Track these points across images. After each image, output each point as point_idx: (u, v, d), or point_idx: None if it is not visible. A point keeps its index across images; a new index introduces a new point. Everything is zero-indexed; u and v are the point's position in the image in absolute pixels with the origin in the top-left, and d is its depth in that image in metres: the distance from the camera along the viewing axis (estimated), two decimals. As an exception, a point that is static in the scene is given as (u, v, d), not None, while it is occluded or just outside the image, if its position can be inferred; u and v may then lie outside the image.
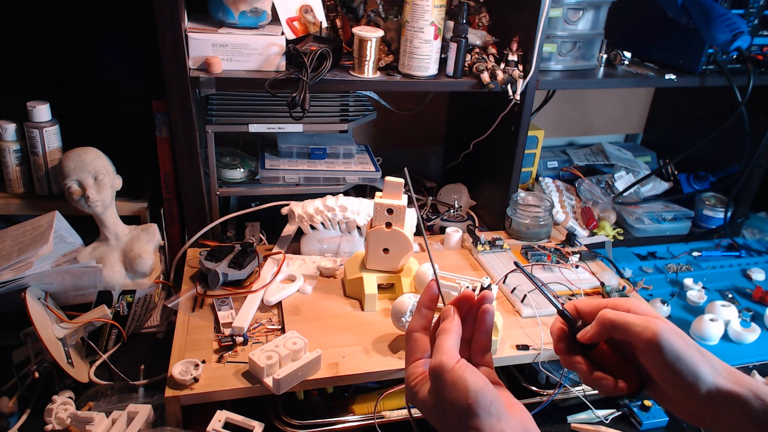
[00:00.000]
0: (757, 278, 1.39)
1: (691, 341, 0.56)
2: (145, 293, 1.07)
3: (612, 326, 0.57)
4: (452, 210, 1.45)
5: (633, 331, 0.56)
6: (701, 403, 0.55)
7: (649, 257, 1.48)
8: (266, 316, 1.00)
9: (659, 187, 1.66)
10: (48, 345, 0.87)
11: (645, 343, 0.55)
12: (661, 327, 0.55)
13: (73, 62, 1.23)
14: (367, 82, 1.15)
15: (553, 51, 1.30)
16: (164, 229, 1.20)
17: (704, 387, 0.54)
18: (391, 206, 1.00)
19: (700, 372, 0.54)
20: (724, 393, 0.54)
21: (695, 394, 0.55)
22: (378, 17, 1.25)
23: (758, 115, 1.44)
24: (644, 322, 0.56)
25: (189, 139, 1.09)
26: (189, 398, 0.82)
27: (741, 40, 1.27)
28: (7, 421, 0.88)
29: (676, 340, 0.55)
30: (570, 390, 0.97)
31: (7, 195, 1.15)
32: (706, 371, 0.54)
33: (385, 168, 1.33)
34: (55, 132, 1.11)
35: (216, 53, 1.07)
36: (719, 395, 0.54)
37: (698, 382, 0.54)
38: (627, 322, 0.56)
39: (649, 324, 0.55)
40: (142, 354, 1.02)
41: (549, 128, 1.70)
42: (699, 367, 0.54)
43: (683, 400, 0.56)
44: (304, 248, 1.17)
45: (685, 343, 0.55)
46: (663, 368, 0.55)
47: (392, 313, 0.92)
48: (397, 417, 0.89)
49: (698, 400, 0.55)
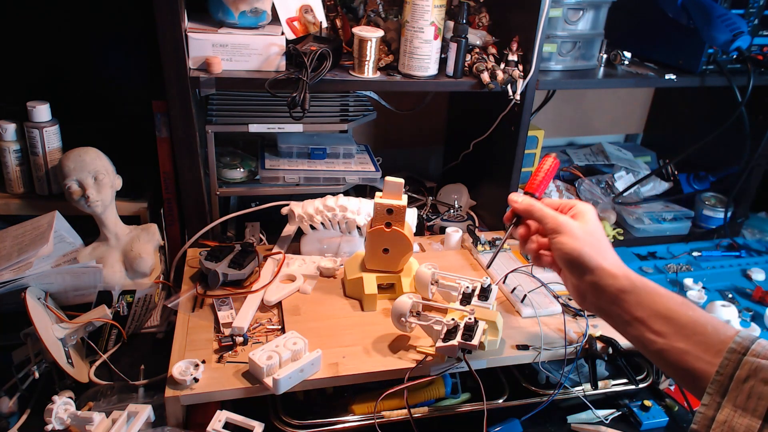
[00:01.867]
0: (757, 278, 1.39)
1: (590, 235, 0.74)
2: (145, 293, 1.07)
3: (530, 212, 0.79)
4: (452, 210, 1.45)
5: (544, 224, 0.77)
6: (583, 279, 0.73)
7: (649, 257, 1.48)
8: (266, 316, 1.00)
9: (659, 187, 1.66)
10: (48, 345, 0.87)
11: (549, 232, 0.76)
12: (564, 220, 0.75)
13: (73, 62, 1.23)
14: (367, 82, 1.15)
15: (553, 51, 1.30)
16: (164, 229, 1.20)
17: (586, 266, 0.72)
18: (391, 206, 1.00)
19: (584, 254, 0.72)
20: (602, 268, 0.71)
21: (578, 272, 0.73)
22: (378, 17, 1.25)
23: (758, 115, 1.44)
24: (553, 216, 0.76)
25: (189, 139, 1.09)
26: (189, 398, 0.82)
27: (741, 40, 1.27)
28: (7, 421, 0.88)
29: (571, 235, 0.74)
30: (570, 390, 0.97)
31: (7, 195, 1.15)
32: (588, 253, 0.72)
33: (385, 168, 1.33)
34: (55, 132, 1.11)
35: (216, 53, 1.07)
36: (598, 269, 0.72)
37: (582, 262, 0.72)
38: (543, 216, 0.77)
39: (556, 217, 0.76)
40: (142, 354, 1.02)
41: (549, 128, 1.70)
42: (583, 251, 0.72)
43: (576, 281, 0.75)
44: (304, 248, 1.17)
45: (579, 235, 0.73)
46: (558, 253, 0.75)
47: (392, 313, 0.92)
48: (397, 417, 0.89)
49: (581, 276, 0.73)
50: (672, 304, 0.67)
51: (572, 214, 0.78)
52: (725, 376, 0.59)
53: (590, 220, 0.76)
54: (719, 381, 0.59)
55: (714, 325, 0.64)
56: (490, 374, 1.00)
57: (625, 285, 0.70)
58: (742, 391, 0.58)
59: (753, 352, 0.59)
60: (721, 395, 0.59)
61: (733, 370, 0.59)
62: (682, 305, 0.67)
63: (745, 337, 0.61)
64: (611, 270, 0.71)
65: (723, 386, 0.59)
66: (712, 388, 0.60)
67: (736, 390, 0.58)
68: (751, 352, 0.59)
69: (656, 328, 0.67)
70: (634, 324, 0.69)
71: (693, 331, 0.64)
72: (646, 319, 0.68)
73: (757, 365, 0.58)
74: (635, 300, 0.69)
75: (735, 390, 0.58)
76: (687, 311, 0.66)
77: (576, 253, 0.73)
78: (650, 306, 0.68)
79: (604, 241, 0.74)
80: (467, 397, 0.98)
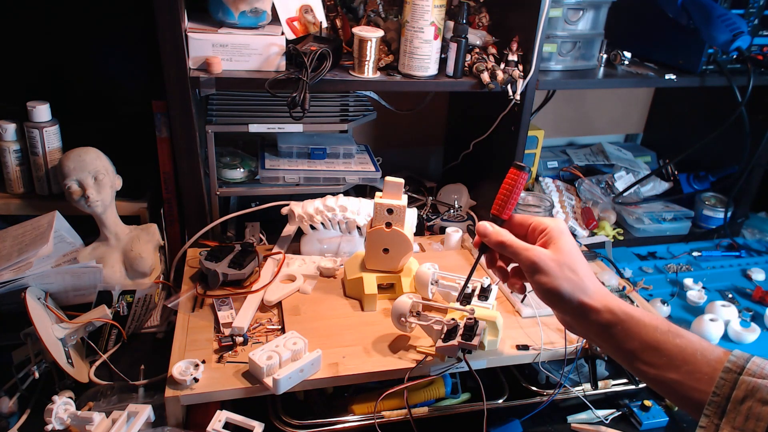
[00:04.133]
0: (757, 278, 1.39)
1: (566, 267, 0.70)
2: (145, 293, 1.07)
3: (502, 249, 0.75)
4: (452, 210, 1.45)
5: (518, 261, 0.73)
6: (567, 314, 0.71)
7: (649, 257, 1.48)
8: (266, 316, 1.00)
9: (659, 187, 1.66)
10: (48, 345, 0.87)
11: (525, 270, 0.73)
12: (537, 258, 0.70)
13: (73, 62, 1.23)
14: (367, 82, 1.15)
15: (553, 51, 1.30)
16: (164, 229, 1.20)
17: (567, 303, 0.69)
18: (391, 206, 1.00)
19: (563, 292, 0.69)
20: (583, 304, 0.69)
21: (561, 308, 0.71)
22: (378, 17, 1.25)
23: (758, 115, 1.44)
24: (526, 252, 0.72)
25: (189, 139, 1.09)
26: (189, 398, 0.82)
27: (741, 40, 1.27)
28: (7, 421, 0.88)
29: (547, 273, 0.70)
30: (570, 390, 0.97)
31: (7, 195, 1.15)
32: (567, 290, 0.69)
33: (385, 168, 1.33)
34: (55, 132, 1.11)
35: (216, 53, 1.07)
36: (579, 305, 0.69)
37: (562, 300, 0.69)
38: (515, 253, 0.73)
39: (529, 254, 0.71)
40: (142, 354, 1.02)
41: (549, 128, 1.70)
42: (561, 289, 0.69)
43: (560, 315, 0.73)
44: (304, 248, 1.17)
45: (555, 272, 0.69)
46: (536, 290, 0.72)
47: (392, 313, 0.92)
48: (397, 417, 0.89)
49: (564, 311, 0.71)
50: (658, 334, 0.65)
51: (544, 239, 0.73)
52: (722, 397, 0.59)
53: (564, 246, 0.71)
54: (716, 402, 0.59)
55: (702, 351, 0.63)
56: (490, 374, 1.00)
57: (609, 319, 0.67)
58: (740, 413, 0.57)
59: (748, 372, 0.59)
60: (719, 417, 0.58)
61: (729, 391, 0.58)
62: (667, 333, 0.65)
63: (740, 356, 0.60)
64: (592, 304, 0.68)
65: (720, 408, 0.59)
66: (710, 409, 0.59)
67: (733, 411, 0.58)
68: (746, 372, 0.59)
69: (647, 359, 0.65)
70: (626, 355, 0.67)
71: (683, 361, 0.63)
72: (636, 351, 0.66)
73: (753, 385, 0.58)
74: (622, 333, 0.67)
75: (733, 411, 0.58)
76: (674, 340, 0.64)
77: (554, 292, 0.69)
78: (638, 338, 0.66)
79: (581, 269, 0.70)
80: (467, 397, 0.98)
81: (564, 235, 0.73)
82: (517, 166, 0.77)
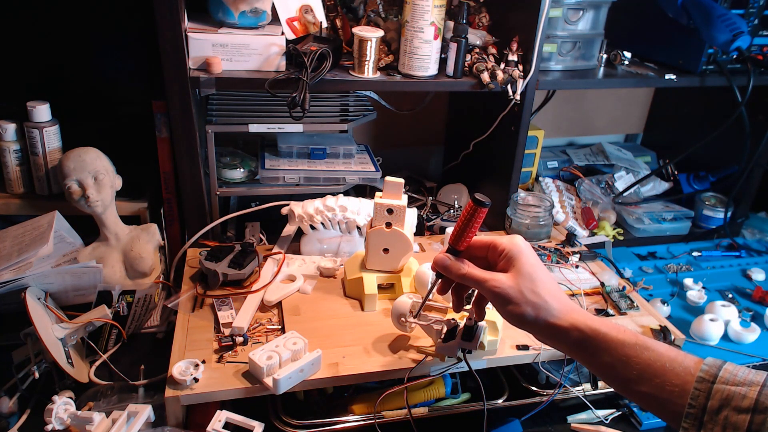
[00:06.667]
0: (757, 278, 1.39)
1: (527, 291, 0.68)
2: (145, 293, 1.07)
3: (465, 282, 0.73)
4: (452, 210, 1.45)
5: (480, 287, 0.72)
6: (538, 335, 0.71)
7: (649, 257, 1.48)
8: (266, 316, 1.00)
9: (659, 187, 1.66)
10: (48, 345, 0.87)
11: (488, 299, 0.72)
12: (497, 288, 0.69)
13: (73, 62, 1.23)
14: (367, 82, 1.15)
15: (553, 51, 1.30)
16: (164, 229, 1.20)
17: (535, 326, 0.69)
18: (391, 206, 1.00)
19: (527, 317, 0.68)
20: (550, 325, 0.68)
21: (531, 330, 0.70)
22: (378, 17, 1.25)
23: (758, 115, 1.44)
24: (486, 283, 0.70)
25: (189, 139, 1.09)
26: (189, 398, 0.82)
27: (741, 40, 1.27)
28: (7, 421, 0.88)
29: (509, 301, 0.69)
30: (570, 390, 0.97)
31: (7, 195, 1.15)
32: (531, 314, 0.68)
33: (385, 168, 1.33)
34: (55, 132, 1.11)
35: (216, 53, 1.07)
36: (547, 327, 0.69)
37: (528, 324, 0.69)
38: (478, 285, 0.71)
39: (489, 285, 0.70)
40: (142, 354, 1.02)
41: (549, 128, 1.70)
42: (526, 314, 0.68)
43: (534, 335, 0.72)
44: (304, 248, 1.17)
45: (516, 299, 0.69)
46: (503, 317, 0.71)
47: (392, 313, 0.92)
48: (397, 417, 0.89)
49: (535, 333, 0.71)
50: (627, 349, 0.65)
51: (503, 262, 0.71)
52: (698, 409, 0.59)
53: (523, 267, 0.69)
54: (693, 414, 0.59)
55: (671, 363, 0.62)
56: (490, 374, 1.00)
57: (578, 336, 0.67)
58: (717, 423, 0.57)
59: (721, 380, 0.59)
60: (697, 428, 0.59)
61: (705, 401, 0.59)
62: (635, 347, 0.65)
63: (712, 365, 0.60)
64: (559, 324, 0.68)
65: (698, 419, 0.59)
66: (687, 422, 0.59)
67: (711, 422, 0.58)
68: (719, 380, 0.59)
69: (620, 374, 0.65)
70: (602, 368, 0.67)
71: (653, 374, 0.63)
72: (609, 365, 0.66)
73: (727, 393, 0.58)
74: (593, 349, 0.67)
75: (710, 422, 0.58)
76: (642, 354, 0.64)
77: (519, 317, 0.69)
78: (607, 353, 0.66)
79: (543, 289, 0.69)
80: (467, 397, 0.98)
81: (522, 255, 0.70)
82: (476, 201, 0.71)
